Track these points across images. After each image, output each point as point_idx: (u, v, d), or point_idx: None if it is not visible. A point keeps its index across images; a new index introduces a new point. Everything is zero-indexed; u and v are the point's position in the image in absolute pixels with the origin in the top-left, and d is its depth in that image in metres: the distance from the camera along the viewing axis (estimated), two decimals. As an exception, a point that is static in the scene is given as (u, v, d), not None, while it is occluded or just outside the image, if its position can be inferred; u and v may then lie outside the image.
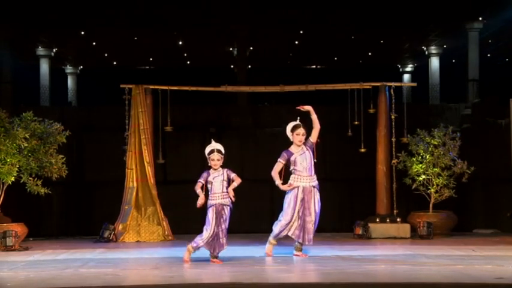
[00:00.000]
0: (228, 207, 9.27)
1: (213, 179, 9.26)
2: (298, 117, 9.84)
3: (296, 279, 8.17)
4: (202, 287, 7.71)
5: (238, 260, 9.46)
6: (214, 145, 9.40)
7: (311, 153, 9.75)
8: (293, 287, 7.70)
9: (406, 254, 9.95)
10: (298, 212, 9.64)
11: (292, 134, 9.77)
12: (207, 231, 9.16)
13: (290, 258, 9.60)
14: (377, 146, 12.98)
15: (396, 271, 8.38)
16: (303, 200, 9.65)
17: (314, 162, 9.76)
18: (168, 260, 9.59)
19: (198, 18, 21.08)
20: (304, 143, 9.77)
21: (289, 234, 9.69)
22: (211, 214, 9.20)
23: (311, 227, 9.66)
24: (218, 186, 9.24)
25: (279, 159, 9.73)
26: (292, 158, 9.71)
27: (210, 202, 9.26)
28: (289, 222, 9.65)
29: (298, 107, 9.92)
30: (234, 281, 7.72)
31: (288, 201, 9.71)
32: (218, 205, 9.21)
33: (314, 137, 9.81)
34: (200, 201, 9.15)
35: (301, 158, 9.70)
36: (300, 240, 9.68)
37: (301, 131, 9.73)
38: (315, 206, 9.68)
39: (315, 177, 9.77)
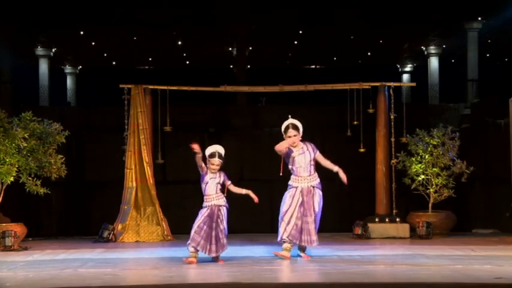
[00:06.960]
0: (224, 208, 9.23)
1: (210, 179, 9.20)
2: (290, 115, 9.64)
3: (296, 279, 8.17)
4: (201, 287, 7.71)
5: (238, 260, 9.45)
6: (216, 148, 9.28)
7: (312, 152, 9.53)
8: (293, 287, 7.70)
9: (406, 254, 9.95)
10: (296, 213, 9.37)
11: (285, 136, 9.56)
12: (193, 227, 9.11)
13: (289, 259, 9.55)
14: (376, 146, 12.98)
15: (395, 271, 8.39)
16: (302, 201, 9.41)
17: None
18: (167, 260, 9.58)
19: (197, 18, 21.07)
20: (306, 143, 9.57)
21: (285, 236, 9.36)
22: (204, 212, 9.14)
23: (312, 228, 9.38)
24: (213, 188, 9.19)
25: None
26: (291, 156, 9.51)
27: (204, 204, 9.22)
28: (288, 222, 9.38)
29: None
30: (234, 281, 7.72)
31: (285, 200, 9.50)
32: (213, 206, 9.18)
33: (320, 158, 9.59)
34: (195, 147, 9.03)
35: (300, 158, 9.50)
36: (297, 242, 9.40)
37: (291, 132, 9.50)
38: (314, 206, 9.45)
39: (314, 176, 9.57)
